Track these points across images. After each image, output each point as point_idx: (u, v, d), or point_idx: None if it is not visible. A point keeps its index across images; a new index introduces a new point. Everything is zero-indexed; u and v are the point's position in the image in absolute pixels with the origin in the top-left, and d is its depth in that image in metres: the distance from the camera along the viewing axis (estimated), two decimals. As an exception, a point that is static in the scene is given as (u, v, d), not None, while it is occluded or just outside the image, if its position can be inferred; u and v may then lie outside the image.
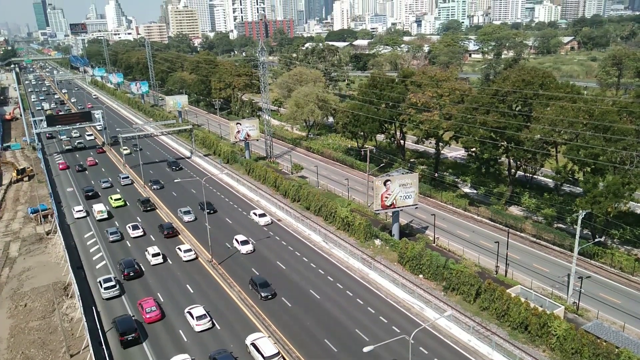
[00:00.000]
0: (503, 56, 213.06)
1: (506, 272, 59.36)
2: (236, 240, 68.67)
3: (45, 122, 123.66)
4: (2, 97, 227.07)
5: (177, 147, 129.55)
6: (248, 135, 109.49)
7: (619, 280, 57.76)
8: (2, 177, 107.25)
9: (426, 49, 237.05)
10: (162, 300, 55.93)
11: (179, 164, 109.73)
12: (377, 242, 68.18)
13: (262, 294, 55.25)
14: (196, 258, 65.64)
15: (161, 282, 60.12)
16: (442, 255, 60.86)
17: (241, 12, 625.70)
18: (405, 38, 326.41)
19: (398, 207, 66.43)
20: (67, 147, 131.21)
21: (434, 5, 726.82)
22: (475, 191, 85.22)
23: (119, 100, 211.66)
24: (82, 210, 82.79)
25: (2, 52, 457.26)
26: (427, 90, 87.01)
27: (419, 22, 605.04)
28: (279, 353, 45.12)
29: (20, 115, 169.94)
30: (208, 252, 65.81)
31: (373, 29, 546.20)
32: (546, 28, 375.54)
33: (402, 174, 67.80)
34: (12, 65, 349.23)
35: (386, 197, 65.14)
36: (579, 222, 52.94)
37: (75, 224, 79.82)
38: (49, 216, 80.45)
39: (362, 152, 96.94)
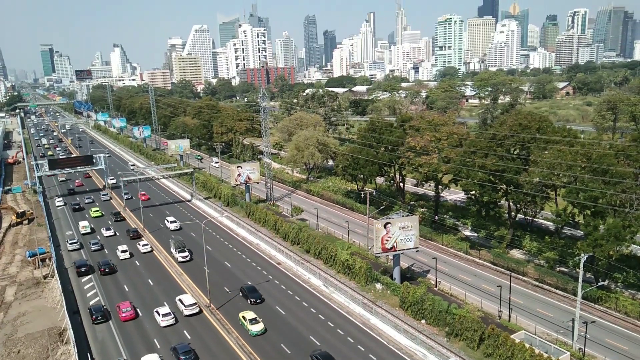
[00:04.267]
0: (500, 101, 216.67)
1: (509, 316, 58.35)
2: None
3: (47, 166, 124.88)
4: (6, 142, 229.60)
5: (178, 190, 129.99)
6: (248, 178, 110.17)
7: (624, 325, 56.68)
8: (1, 220, 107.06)
9: (424, 94, 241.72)
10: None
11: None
12: (378, 286, 67.28)
13: None
14: (152, 251, 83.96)
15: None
16: (444, 300, 59.97)
17: (243, 60, 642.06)
18: (403, 84, 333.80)
19: (399, 250, 66.03)
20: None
21: (431, 52, 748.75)
22: (476, 234, 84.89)
23: (121, 144, 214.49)
24: (61, 201, 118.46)
25: (8, 98, 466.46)
26: (425, 134, 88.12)
27: (416, 68, 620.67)
28: (196, 303, 61.20)
29: (23, 159, 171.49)
30: (206, 296, 64.93)
31: (372, 75, 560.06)
32: (541, 74, 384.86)
33: (403, 216, 67.79)
34: (18, 110, 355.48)
35: (387, 240, 64.86)
36: (582, 265, 52.51)
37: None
38: (47, 260, 79.79)
39: (362, 195, 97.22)
